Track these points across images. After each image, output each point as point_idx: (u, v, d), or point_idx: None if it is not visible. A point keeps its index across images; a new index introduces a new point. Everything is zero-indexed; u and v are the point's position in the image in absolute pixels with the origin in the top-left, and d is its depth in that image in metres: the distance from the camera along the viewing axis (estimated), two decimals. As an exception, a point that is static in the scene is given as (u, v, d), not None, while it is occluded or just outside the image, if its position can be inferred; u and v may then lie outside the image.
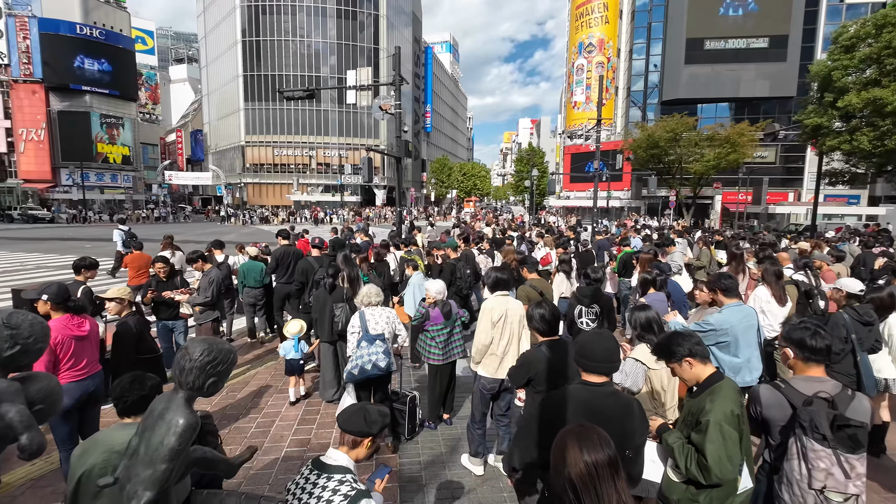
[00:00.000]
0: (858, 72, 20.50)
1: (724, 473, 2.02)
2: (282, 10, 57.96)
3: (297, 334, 5.27)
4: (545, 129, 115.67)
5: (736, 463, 2.06)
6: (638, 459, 2.16)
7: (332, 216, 37.81)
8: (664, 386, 3.00)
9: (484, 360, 3.87)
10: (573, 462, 1.38)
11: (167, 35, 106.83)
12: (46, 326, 2.12)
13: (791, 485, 2.12)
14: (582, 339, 2.32)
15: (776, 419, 2.24)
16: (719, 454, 2.02)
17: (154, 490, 1.62)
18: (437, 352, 4.47)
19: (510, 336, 3.86)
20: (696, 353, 2.24)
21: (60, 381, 2.83)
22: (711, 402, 2.12)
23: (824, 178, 24.42)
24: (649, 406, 2.99)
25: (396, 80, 13.07)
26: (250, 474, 3.84)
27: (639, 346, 3.16)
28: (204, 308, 5.74)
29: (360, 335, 4.12)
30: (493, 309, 3.86)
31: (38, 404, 1.96)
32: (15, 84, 46.43)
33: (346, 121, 60.59)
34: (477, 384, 3.97)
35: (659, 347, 2.41)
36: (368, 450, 2.00)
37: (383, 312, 4.29)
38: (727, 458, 2.02)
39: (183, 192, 67.71)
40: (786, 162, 42.65)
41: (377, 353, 4.03)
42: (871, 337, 3.92)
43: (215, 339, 1.91)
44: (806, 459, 2.05)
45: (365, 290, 4.36)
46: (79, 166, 43.66)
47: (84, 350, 3.43)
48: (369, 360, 4.01)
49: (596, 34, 51.38)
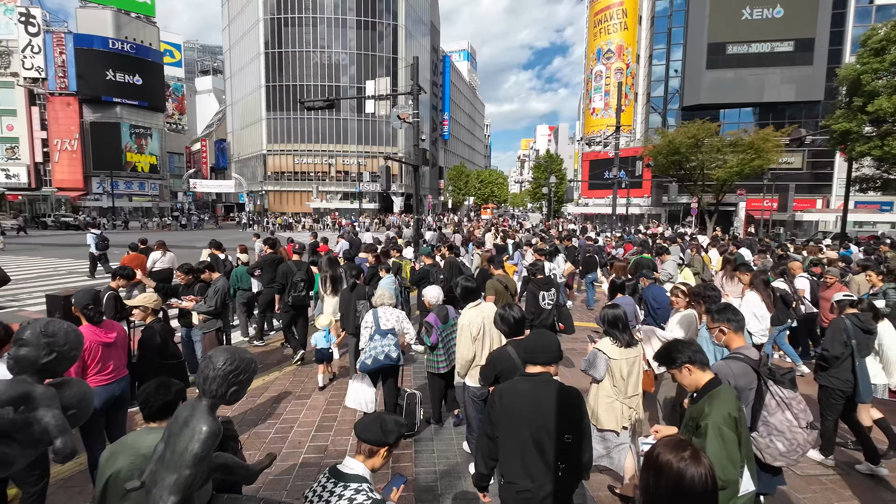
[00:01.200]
0: (889, 75, 19.88)
1: (726, 475, 2.06)
2: (303, 23, 59.36)
3: (327, 326, 5.83)
4: (563, 136, 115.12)
5: (736, 464, 2.11)
6: (583, 445, 2.30)
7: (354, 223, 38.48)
8: (623, 375, 3.39)
9: (470, 372, 3.95)
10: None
11: (194, 48, 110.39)
12: (80, 334, 2.22)
13: (783, 433, 2.50)
14: (527, 338, 2.59)
15: (743, 386, 2.56)
16: (719, 457, 2.04)
17: (179, 495, 1.68)
18: (444, 359, 4.55)
19: (491, 343, 3.95)
20: (695, 361, 2.33)
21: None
22: (710, 406, 2.19)
23: (854, 184, 23.67)
24: (611, 393, 3.40)
25: (414, 89, 13.23)
26: (269, 480, 3.90)
27: (603, 339, 3.53)
28: (208, 317, 5.75)
29: (372, 330, 4.51)
30: (470, 324, 3.95)
31: (72, 409, 2.05)
32: (51, 97, 48.63)
33: (364, 129, 61.44)
34: (466, 394, 4.03)
35: (660, 354, 2.49)
36: (385, 459, 2.02)
37: (394, 312, 4.67)
38: (727, 459, 2.07)
39: (207, 200, 69.50)
40: (813, 168, 41.41)
41: (389, 345, 4.44)
42: (870, 344, 3.99)
43: (238, 349, 1.97)
44: (789, 407, 2.49)
45: (378, 292, 4.79)
46: (109, 175, 45.32)
47: (111, 355, 3.55)
48: (382, 351, 4.40)
49: (615, 40, 51.06)
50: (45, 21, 49.15)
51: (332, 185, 61.17)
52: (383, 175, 14.91)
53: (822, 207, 39.78)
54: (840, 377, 3.90)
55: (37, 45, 47.82)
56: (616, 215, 19.07)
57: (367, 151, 61.17)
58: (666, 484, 1.31)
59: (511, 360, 3.11)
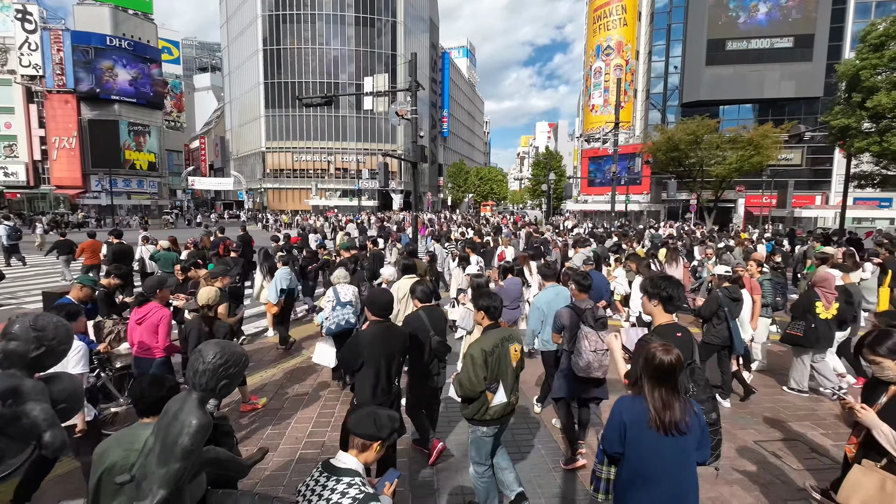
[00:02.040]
0: (888, 71, 19.83)
1: (470, 388, 3.04)
2: (302, 19, 59.15)
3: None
4: (563, 133, 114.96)
5: (477, 383, 3.00)
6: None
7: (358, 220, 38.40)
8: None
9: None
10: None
11: (192, 45, 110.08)
12: (70, 329, 2.20)
13: (581, 354, 3.78)
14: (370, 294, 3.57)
15: (568, 325, 4.02)
16: (466, 376, 3.04)
17: (168, 488, 1.67)
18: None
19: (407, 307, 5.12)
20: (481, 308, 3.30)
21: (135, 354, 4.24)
22: (475, 341, 3.17)
23: (853, 180, 23.66)
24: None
25: (413, 85, 13.18)
26: (265, 475, 3.91)
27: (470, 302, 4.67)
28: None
29: (335, 302, 5.50)
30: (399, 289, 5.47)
31: (62, 403, 2.04)
32: (49, 95, 48.43)
33: (363, 126, 61.32)
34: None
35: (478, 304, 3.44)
36: (378, 453, 2.01)
37: (350, 288, 5.69)
38: (469, 379, 3.02)
39: (206, 198, 69.39)
40: (813, 164, 41.38)
41: (348, 313, 5.45)
42: (738, 309, 5.39)
43: (228, 343, 1.96)
44: (588, 339, 3.76)
45: (336, 273, 5.88)
46: (107, 173, 45.19)
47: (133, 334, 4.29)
48: (343, 318, 5.41)
49: (614, 37, 50.91)
50: (42, 18, 48.89)
51: (331, 183, 61.09)
52: (381, 172, 14.89)
53: (822, 204, 39.77)
54: (719, 335, 5.23)
55: (34, 43, 47.58)
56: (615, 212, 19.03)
57: (366, 148, 61.06)
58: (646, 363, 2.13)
59: (421, 320, 3.92)
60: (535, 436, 4.68)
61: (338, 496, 1.79)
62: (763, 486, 3.81)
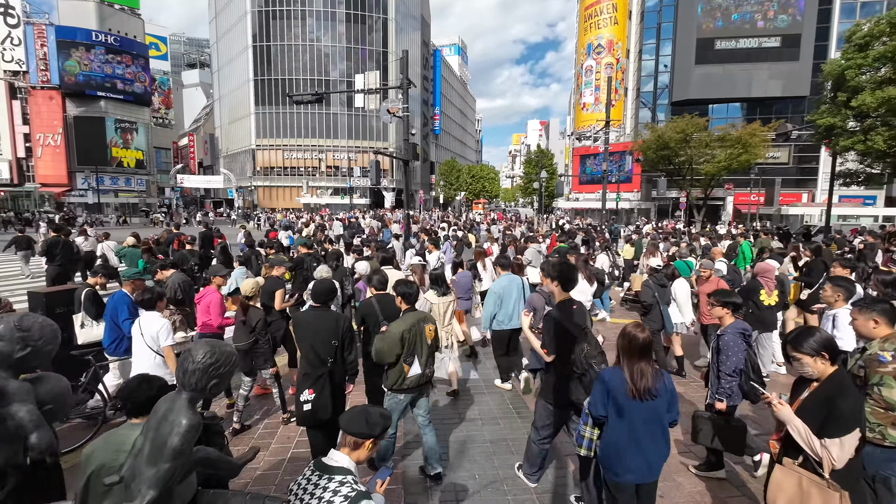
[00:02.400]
0: (873, 70, 20.13)
1: (380, 357, 3.47)
2: (292, 15, 58.61)
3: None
4: (554, 131, 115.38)
5: (387, 355, 3.43)
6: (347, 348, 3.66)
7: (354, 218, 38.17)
8: (441, 312, 5.17)
9: None
10: None
11: (180, 41, 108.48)
12: (56, 328, 2.17)
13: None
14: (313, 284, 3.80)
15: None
16: (383, 346, 3.44)
17: (157, 489, 1.65)
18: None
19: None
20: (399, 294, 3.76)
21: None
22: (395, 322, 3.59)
23: (838, 178, 23.99)
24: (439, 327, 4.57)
25: (404, 83, 13.14)
26: (257, 475, 3.89)
27: (429, 291, 5.31)
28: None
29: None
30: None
31: (48, 404, 2.01)
32: (33, 90, 47.52)
33: (354, 124, 61.00)
34: None
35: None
36: (370, 451, 2.01)
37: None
38: (383, 349, 3.44)
39: (195, 196, 68.60)
40: (799, 162, 42.00)
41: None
42: (666, 295, 6.16)
43: (218, 342, 1.94)
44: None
45: (318, 269, 6.08)
46: (94, 170, 44.50)
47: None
48: None
49: (605, 35, 51.14)
50: (26, 12, 47.91)
51: (322, 181, 60.72)
52: (373, 170, 14.83)
53: (808, 201, 40.38)
54: (654, 320, 5.95)
55: (17, 37, 46.61)
56: (606, 210, 19.17)
57: (357, 146, 60.76)
58: (624, 340, 2.61)
59: (372, 307, 4.27)
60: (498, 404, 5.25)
61: (330, 494, 1.78)
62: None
